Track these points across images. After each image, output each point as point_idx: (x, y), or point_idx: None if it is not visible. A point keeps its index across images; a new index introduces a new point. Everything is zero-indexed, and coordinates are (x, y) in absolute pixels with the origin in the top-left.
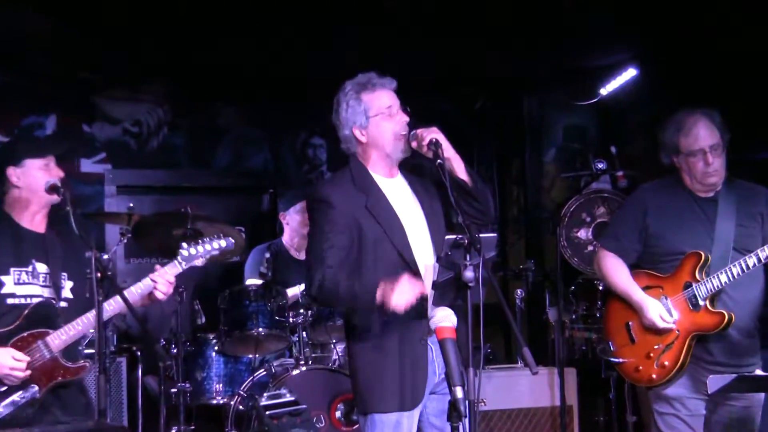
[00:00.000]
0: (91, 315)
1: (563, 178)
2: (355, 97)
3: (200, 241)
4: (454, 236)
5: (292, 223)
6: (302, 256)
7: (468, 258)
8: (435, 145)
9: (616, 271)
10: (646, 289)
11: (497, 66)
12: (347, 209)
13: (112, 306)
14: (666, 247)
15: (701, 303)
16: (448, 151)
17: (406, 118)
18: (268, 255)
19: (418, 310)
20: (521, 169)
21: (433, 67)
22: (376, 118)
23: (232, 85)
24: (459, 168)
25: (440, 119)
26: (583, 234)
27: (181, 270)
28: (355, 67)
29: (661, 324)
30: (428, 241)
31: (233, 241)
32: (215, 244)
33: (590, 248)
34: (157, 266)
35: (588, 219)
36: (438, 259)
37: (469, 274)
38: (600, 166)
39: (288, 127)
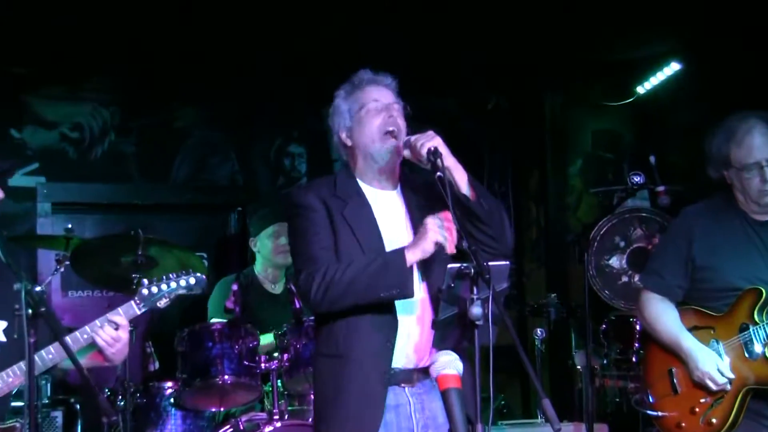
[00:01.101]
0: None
1: (592, 194)
2: (344, 97)
3: (164, 278)
4: (458, 265)
5: (264, 251)
6: (278, 289)
7: (475, 291)
8: (433, 154)
9: (661, 316)
10: (693, 330)
11: (513, 57)
12: (326, 212)
13: (52, 355)
14: (717, 282)
15: (760, 350)
16: (450, 161)
17: (395, 113)
18: (236, 287)
19: (381, 351)
20: (541, 182)
21: (433, 57)
22: (359, 114)
23: (192, 80)
24: (462, 182)
25: (442, 122)
26: (616, 262)
27: (139, 313)
28: (343, 59)
29: (720, 381)
30: (414, 271)
31: (204, 277)
32: (183, 282)
33: (625, 279)
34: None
35: (622, 244)
36: (439, 292)
37: (476, 310)
38: (636, 179)
39: (261, 132)
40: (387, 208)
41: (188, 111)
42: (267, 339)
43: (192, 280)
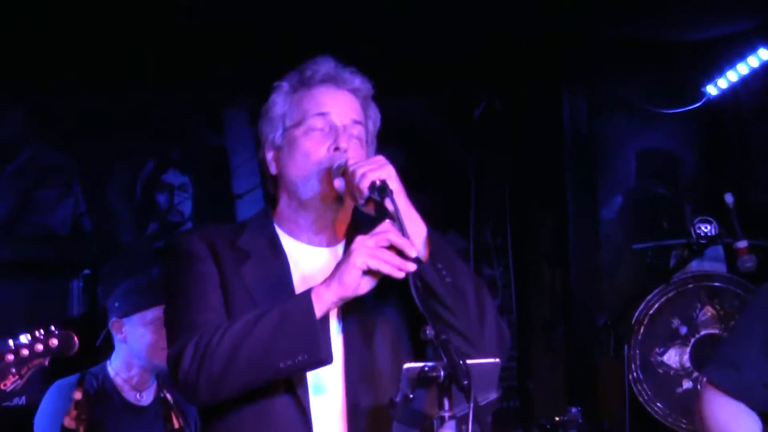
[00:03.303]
0: None
1: (637, 252)
2: (285, 94)
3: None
4: (419, 365)
5: (135, 343)
6: (145, 399)
7: (446, 405)
8: (379, 190)
9: (733, 427)
10: None
11: (513, 37)
12: (214, 265)
13: None
14: None
15: None
16: (402, 203)
17: (346, 144)
18: (79, 396)
19: None
20: (558, 231)
21: (392, 37)
22: (295, 131)
23: (16, 73)
24: (417, 237)
25: (403, 134)
26: (673, 358)
27: None
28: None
29: None
30: (339, 366)
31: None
32: (39, 347)
33: (687, 384)
34: None
35: (683, 330)
36: (391, 407)
37: None
38: (705, 229)
39: (121, 151)
40: (315, 272)
41: (15, 116)
42: None
43: (53, 342)
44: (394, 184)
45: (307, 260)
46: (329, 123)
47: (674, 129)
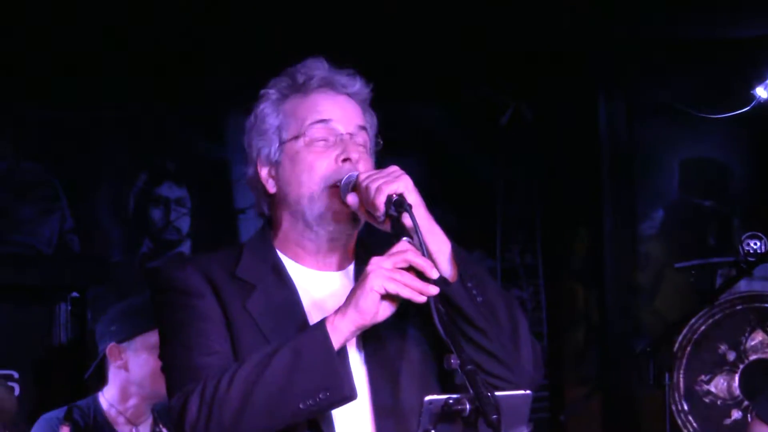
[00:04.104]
0: None
1: (680, 271)
2: (275, 103)
3: None
4: (443, 397)
5: (137, 371)
6: None
7: None
8: (396, 205)
9: None
10: None
11: (546, 35)
12: (216, 303)
13: None
14: None
15: None
16: (422, 217)
17: (355, 154)
18: (66, 431)
19: None
20: (594, 249)
21: (411, 41)
22: (294, 145)
23: None
24: (442, 256)
25: (422, 144)
26: (720, 386)
27: None
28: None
29: None
30: (366, 400)
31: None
32: None
33: (735, 415)
34: None
35: (731, 356)
36: None
37: None
38: (755, 245)
39: (111, 161)
40: (327, 299)
41: None
42: None
43: None
44: (413, 196)
45: (317, 287)
46: (333, 131)
47: (721, 136)
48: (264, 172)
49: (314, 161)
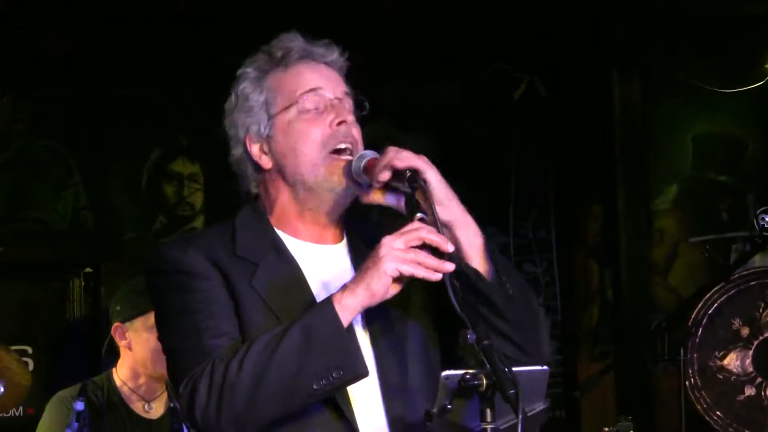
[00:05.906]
0: None
1: (694, 246)
2: (255, 80)
3: None
4: (459, 372)
5: (140, 350)
6: (154, 411)
7: (489, 417)
8: (411, 180)
9: None
10: None
11: (560, 10)
12: (222, 284)
13: None
14: None
15: None
16: (441, 194)
17: (348, 117)
18: (80, 407)
19: None
20: (608, 225)
21: (421, 16)
22: (286, 115)
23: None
24: (472, 244)
25: (435, 121)
26: (734, 362)
27: None
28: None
29: None
30: (374, 378)
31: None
32: None
33: (749, 391)
34: None
35: (745, 332)
36: (427, 419)
37: None
38: None
39: (123, 139)
40: (328, 273)
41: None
42: None
43: None
44: (431, 172)
45: (317, 261)
46: (323, 99)
47: (736, 111)
48: (255, 148)
49: (309, 129)
